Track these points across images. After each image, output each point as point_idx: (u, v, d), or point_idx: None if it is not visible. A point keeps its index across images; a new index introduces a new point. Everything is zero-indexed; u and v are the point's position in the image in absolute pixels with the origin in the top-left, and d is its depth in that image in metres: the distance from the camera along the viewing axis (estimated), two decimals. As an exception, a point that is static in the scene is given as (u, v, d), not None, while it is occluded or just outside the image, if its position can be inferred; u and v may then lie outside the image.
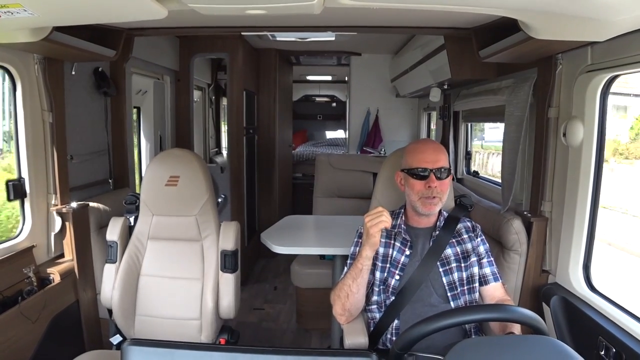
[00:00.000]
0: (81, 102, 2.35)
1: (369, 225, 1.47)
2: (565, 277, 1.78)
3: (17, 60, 1.84)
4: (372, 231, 1.47)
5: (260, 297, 3.76)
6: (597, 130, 1.66)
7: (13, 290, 1.81)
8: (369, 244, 1.50)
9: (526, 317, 1.18)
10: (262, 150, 4.56)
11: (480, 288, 1.65)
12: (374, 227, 1.46)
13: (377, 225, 1.46)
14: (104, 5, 1.32)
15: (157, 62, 3.29)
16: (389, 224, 1.48)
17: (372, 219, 1.47)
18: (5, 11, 1.21)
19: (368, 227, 1.48)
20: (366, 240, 1.50)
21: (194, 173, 2.00)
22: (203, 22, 2.04)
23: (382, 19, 2.01)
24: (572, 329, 1.71)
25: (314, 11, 1.38)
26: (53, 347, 1.92)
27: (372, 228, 1.47)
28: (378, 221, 1.46)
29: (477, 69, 2.46)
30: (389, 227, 1.52)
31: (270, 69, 4.53)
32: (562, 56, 1.80)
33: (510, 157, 2.09)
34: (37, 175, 1.98)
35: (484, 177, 3.18)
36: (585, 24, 1.34)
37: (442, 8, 1.46)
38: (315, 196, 3.60)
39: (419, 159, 1.61)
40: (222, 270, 1.98)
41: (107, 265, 2.00)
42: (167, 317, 1.97)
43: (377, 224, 1.46)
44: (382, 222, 1.46)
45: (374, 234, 1.47)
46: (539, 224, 1.91)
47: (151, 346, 0.96)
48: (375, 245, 1.51)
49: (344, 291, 1.58)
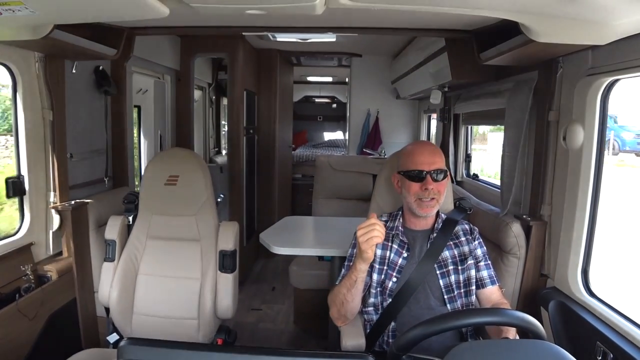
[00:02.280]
0: (81, 101, 2.35)
1: (360, 240, 1.39)
2: (564, 282, 1.78)
3: (17, 58, 1.84)
4: (364, 247, 1.39)
5: (259, 298, 3.76)
6: (598, 134, 1.66)
7: (11, 288, 1.81)
8: (362, 258, 1.44)
9: (524, 321, 1.18)
10: (262, 151, 4.56)
11: (477, 291, 1.65)
12: (365, 243, 1.39)
13: (368, 242, 1.38)
14: (105, 4, 1.31)
15: (157, 62, 3.29)
16: (382, 238, 1.40)
17: (364, 234, 1.39)
18: (7, 9, 1.21)
19: (360, 243, 1.40)
20: (359, 255, 1.44)
21: (194, 173, 1.99)
22: (204, 21, 2.04)
23: (383, 21, 2.01)
24: (570, 334, 1.71)
25: (315, 12, 1.38)
26: (50, 344, 1.91)
27: (364, 244, 1.39)
28: (370, 237, 1.38)
29: (477, 71, 2.46)
30: (382, 242, 1.46)
31: (271, 70, 4.53)
32: (563, 59, 1.80)
33: (509, 160, 2.09)
34: (36, 173, 1.98)
35: (483, 180, 3.18)
36: (586, 28, 1.34)
37: (442, 10, 1.46)
38: (315, 197, 3.60)
39: (415, 161, 1.61)
40: (220, 270, 1.98)
41: (105, 263, 2.00)
42: (165, 316, 1.97)
43: (368, 240, 1.38)
44: (375, 239, 1.38)
45: (366, 249, 1.40)
46: (538, 228, 1.90)
47: (148, 345, 0.95)
48: (368, 260, 1.45)
49: (339, 298, 1.57)
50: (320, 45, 4.16)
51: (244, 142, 3.96)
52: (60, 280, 2.00)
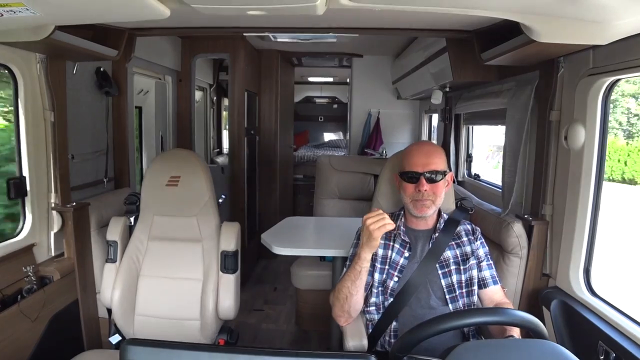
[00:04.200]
0: (83, 102, 2.35)
1: (372, 228, 1.43)
2: (566, 281, 1.78)
3: (19, 59, 1.84)
4: (376, 234, 1.43)
5: (260, 298, 3.76)
6: (599, 134, 1.66)
7: (13, 289, 1.81)
8: (369, 246, 1.48)
9: (526, 321, 1.18)
10: (263, 151, 4.56)
11: (479, 291, 1.65)
12: (377, 230, 1.42)
13: (380, 229, 1.42)
14: (106, 5, 1.31)
15: (159, 62, 3.29)
16: (393, 226, 1.45)
17: (375, 221, 1.43)
18: (8, 10, 1.22)
19: (371, 230, 1.43)
20: (366, 242, 1.47)
21: (195, 173, 2.00)
22: (205, 22, 2.05)
23: (384, 21, 2.01)
24: (572, 333, 1.71)
25: (316, 12, 1.38)
26: (52, 345, 1.91)
27: (375, 231, 1.42)
28: (382, 224, 1.42)
29: (478, 71, 2.46)
30: (393, 230, 1.50)
31: (272, 70, 4.53)
32: (564, 59, 1.79)
33: (511, 160, 2.08)
34: (38, 174, 1.98)
35: (484, 179, 3.17)
36: (587, 28, 1.34)
37: (444, 10, 1.46)
38: (316, 197, 3.60)
39: (411, 162, 1.63)
40: (222, 271, 1.98)
41: (107, 264, 2.00)
42: (167, 317, 1.97)
43: (380, 228, 1.42)
44: (387, 225, 1.42)
45: (376, 237, 1.44)
46: (539, 228, 1.90)
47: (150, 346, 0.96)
48: (374, 248, 1.49)
49: (342, 293, 1.57)
50: (320, 46, 4.16)
51: (245, 143, 3.97)
52: (62, 282, 2.00)
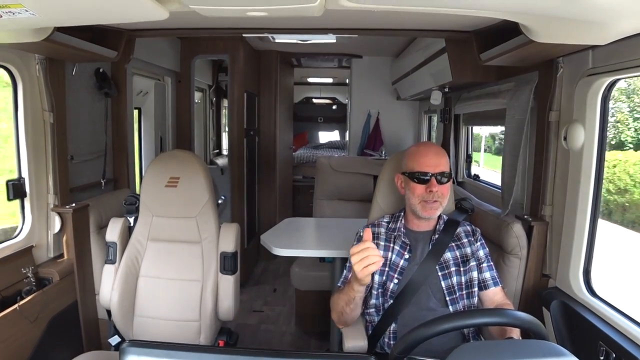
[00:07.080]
0: (82, 103, 2.35)
1: (355, 268, 1.27)
2: (566, 282, 1.77)
3: (18, 60, 1.84)
4: (360, 275, 1.29)
5: (260, 299, 3.76)
6: (598, 134, 1.66)
7: (12, 290, 1.81)
8: (358, 283, 1.37)
9: (526, 322, 1.18)
10: (262, 152, 4.56)
11: (479, 293, 1.64)
12: (361, 272, 1.27)
13: (364, 271, 1.27)
14: (106, 6, 1.31)
15: (158, 64, 3.29)
16: (379, 265, 1.27)
17: (360, 260, 1.26)
18: (7, 11, 1.21)
19: (356, 271, 1.28)
20: (354, 280, 1.37)
21: (195, 174, 1.99)
22: (204, 23, 2.04)
23: (383, 22, 2.01)
24: (572, 334, 1.70)
25: (315, 13, 1.37)
26: (51, 347, 1.91)
27: (360, 273, 1.27)
28: (367, 264, 1.25)
29: (478, 72, 2.46)
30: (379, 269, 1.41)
31: (271, 71, 4.54)
32: (563, 60, 1.80)
33: (510, 160, 2.08)
34: (37, 175, 1.98)
35: (484, 180, 3.17)
36: (586, 28, 1.34)
37: (443, 11, 1.45)
38: (316, 198, 3.60)
39: (421, 162, 1.59)
40: (221, 272, 1.98)
41: (107, 265, 2.00)
42: (166, 318, 1.97)
43: (364, 270, 1.26)
44: (372, 267, 1.26)
45: (362, 278, 1.31)
46: (539, 228, 1.90)
47: (149, 347, 0.95)
48: (365, 284, 1.38)
49: (339, 306, 1.56)
50: (320, 47, 4.16)
51: (244, 144, 3.97)
52: (62, 283, 2.00)
